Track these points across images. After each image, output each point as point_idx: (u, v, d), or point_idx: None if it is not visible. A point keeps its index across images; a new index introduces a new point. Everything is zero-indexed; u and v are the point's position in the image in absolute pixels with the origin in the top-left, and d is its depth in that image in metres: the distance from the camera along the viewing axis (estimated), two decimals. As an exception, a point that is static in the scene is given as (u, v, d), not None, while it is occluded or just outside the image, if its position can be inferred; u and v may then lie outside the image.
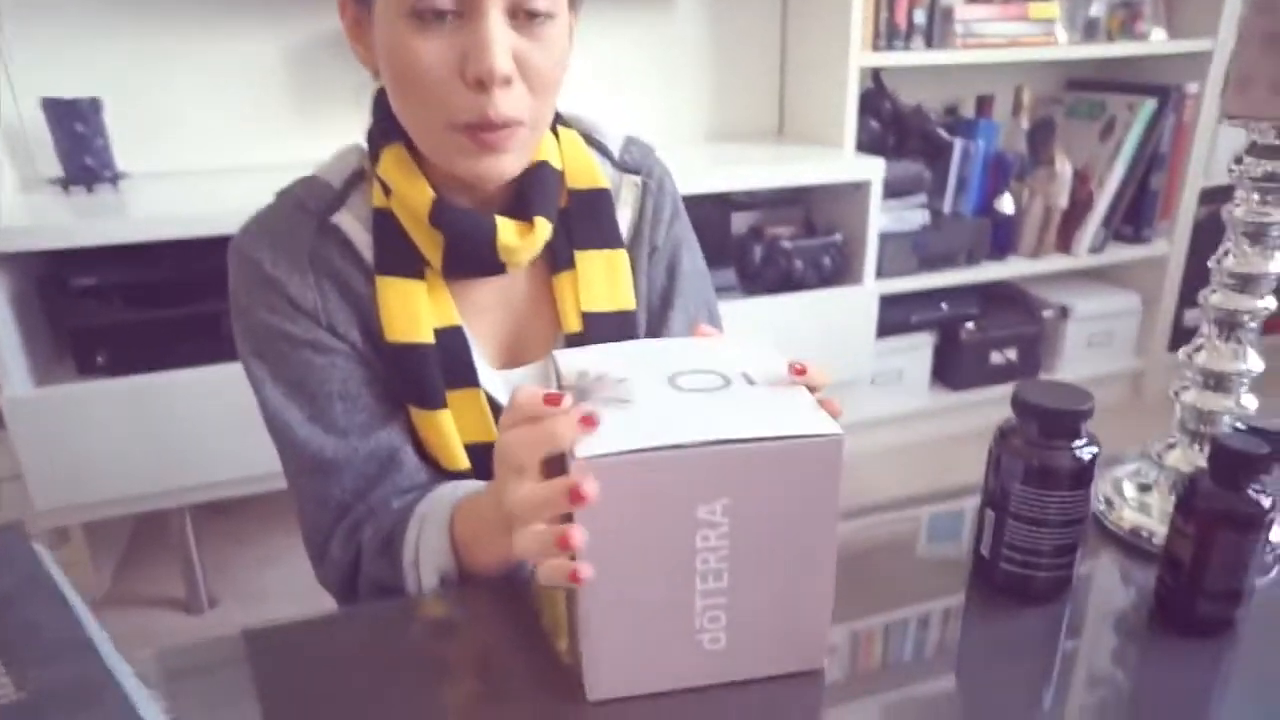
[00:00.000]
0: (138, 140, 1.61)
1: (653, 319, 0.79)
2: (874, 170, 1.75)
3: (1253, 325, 0.62)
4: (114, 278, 1.36)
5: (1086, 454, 0.57)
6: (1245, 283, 0.61)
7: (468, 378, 0.69)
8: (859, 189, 1.78)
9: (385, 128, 0.67)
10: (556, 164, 0.71)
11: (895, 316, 1.99)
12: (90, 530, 1.53)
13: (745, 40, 2.01)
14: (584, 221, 0.73)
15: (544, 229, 0.68)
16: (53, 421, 1.33)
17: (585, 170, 0.73)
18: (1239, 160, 0.60)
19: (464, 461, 0.69)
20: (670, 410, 0.48)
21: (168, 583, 1.59)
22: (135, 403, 1.36)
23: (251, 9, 1.63)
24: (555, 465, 0.50)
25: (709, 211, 1.85)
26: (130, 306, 1.37)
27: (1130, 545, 0.66)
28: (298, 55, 1.68)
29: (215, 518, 1.75)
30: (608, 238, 0.73)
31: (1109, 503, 0.69)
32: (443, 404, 0.68)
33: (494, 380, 0.71)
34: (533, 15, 0.60)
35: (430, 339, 0.67)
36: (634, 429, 0.46)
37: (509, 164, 0.64)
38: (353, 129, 0.73)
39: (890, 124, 1.98)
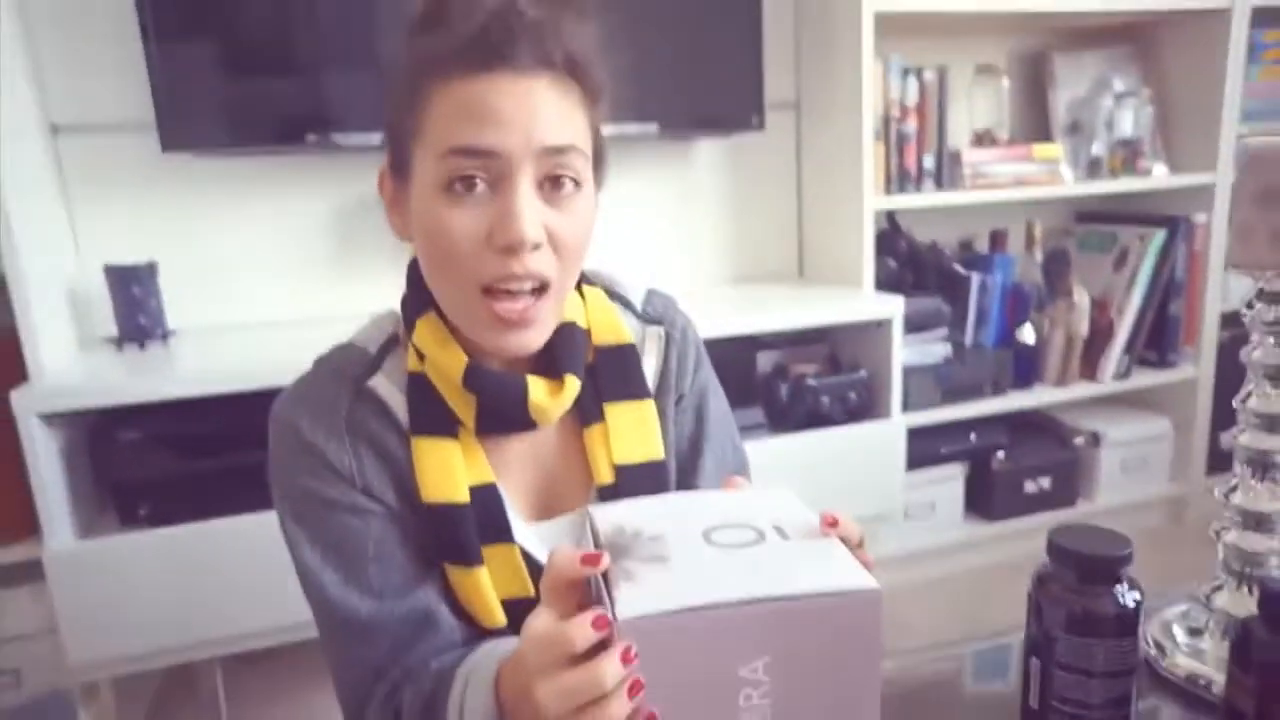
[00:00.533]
0: (188, 298, 1.70)
1: (683, 464, 0.80)
2: (894, 307, 1.80)
3: (1285, 464, 0.63)
4: (159, 431, 1.40)
5: (1130, 600, 0.57)
6: (1272, 422, 0.62)
7: (502, 534, 0.69)
8: (880, 326, 1.82)
9: (420, 298, 0.70)
10: (582, 323, 0.74)
11: (924, 449, 1.98)
12: (118, 684, 1.51)
13: (763, 187, 2.11)
14: (611, 375, 0.75)
15: (573, 386, 0.70)
16: (92, 574, 1.34)
17: (610, 326, 0.76)
18: (1250, 305, 0.62)
19: (501, 618, 0.69)
20: (708, 567, 0.49)
21: (193, 740, 1.55)
22: (173, 553, 1.37)
23: (296, 176, 1.75)
24: (581, 596, 0.50)
25: (734, 351, 1.89)
26: (174, 459, 1.40)
27: (1187, 693, 0.64)
28: (338, 218, 1.79)
29: (245, 672, 1.72)
30: (635, 390, 0.75)
31: (1160, 647, 0.68)
32: (479, 561, 0.68)
33: (527, 534, 0.71)
34: (560, 186, 0.64)
35: (466, 498, 0.68)
36: (674, 587, 0.46)
37: (534, 338, 0.66)
38: (389, 286, 0.77)
39: (907, 262, 2.04)
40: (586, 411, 0.74)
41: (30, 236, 1.40)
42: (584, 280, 0.78)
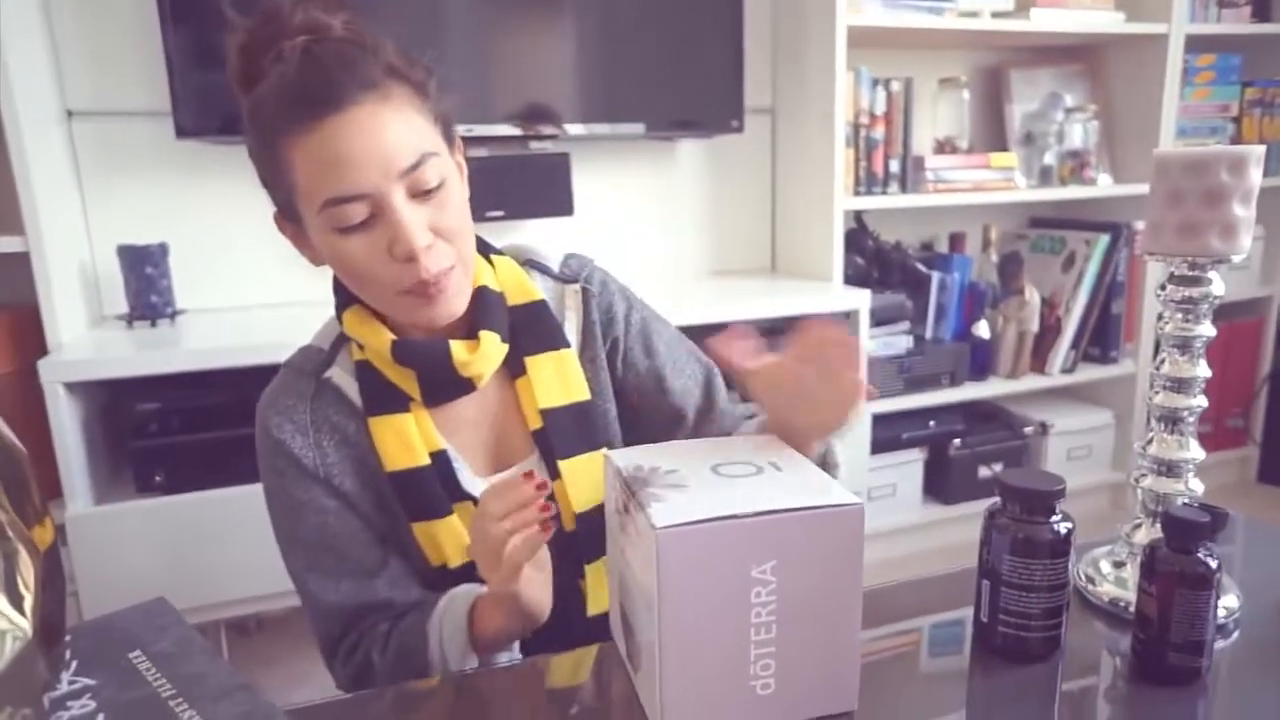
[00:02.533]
0: (194, 279, 1.77)
1: (654, 398, 0.89)
2: (862, 300, 1.93)
3: (1190, 420, 0.75)
4: (172, 403, 1.47)
5: (1063, 528, 0.69)
6: (1180, 385, 0.75)
7: (456, 493, 0.79)
8: (848, 317, 1.94)
9: (343, 298, 0.79)
10: (495, 287, 0.81)
11: (887, 435, 2.12)
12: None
13: (740, 186, 2.23)
14: (527, 331, 0.82)
15: (490, 340, 0.78)
16: (109, 537, 1.41)
17: (520, 287, 0.83)
18: (1163, 287, 0.75)
19: (467, 556, 0.78)
20: (720, 491, 0.59)
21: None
22: (184, 519, 1.45)
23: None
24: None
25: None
26: (186, 429, 1.48)
27: (1110, 614, 0.76)
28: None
29: (244, 639, 1.79)
30: (552, 341, 0.83)
31: (1090, 579, 0.80)
32: (448, 511, 0.78)
33: (482, 487, 0.80)
34: (428, 192, 0.70)
35: (426, 460, 0.78)
36: (697, 505, 0.57)
37: (455, 305, 0.74)
38: None
39: (873, 259, 2.18)
40: (514, 366, 0.82)
41: (48, 217, 1.46)
42: (492, 250, 0.85)
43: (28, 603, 0.46)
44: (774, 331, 2.03)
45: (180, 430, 1.47)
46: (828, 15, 1.91)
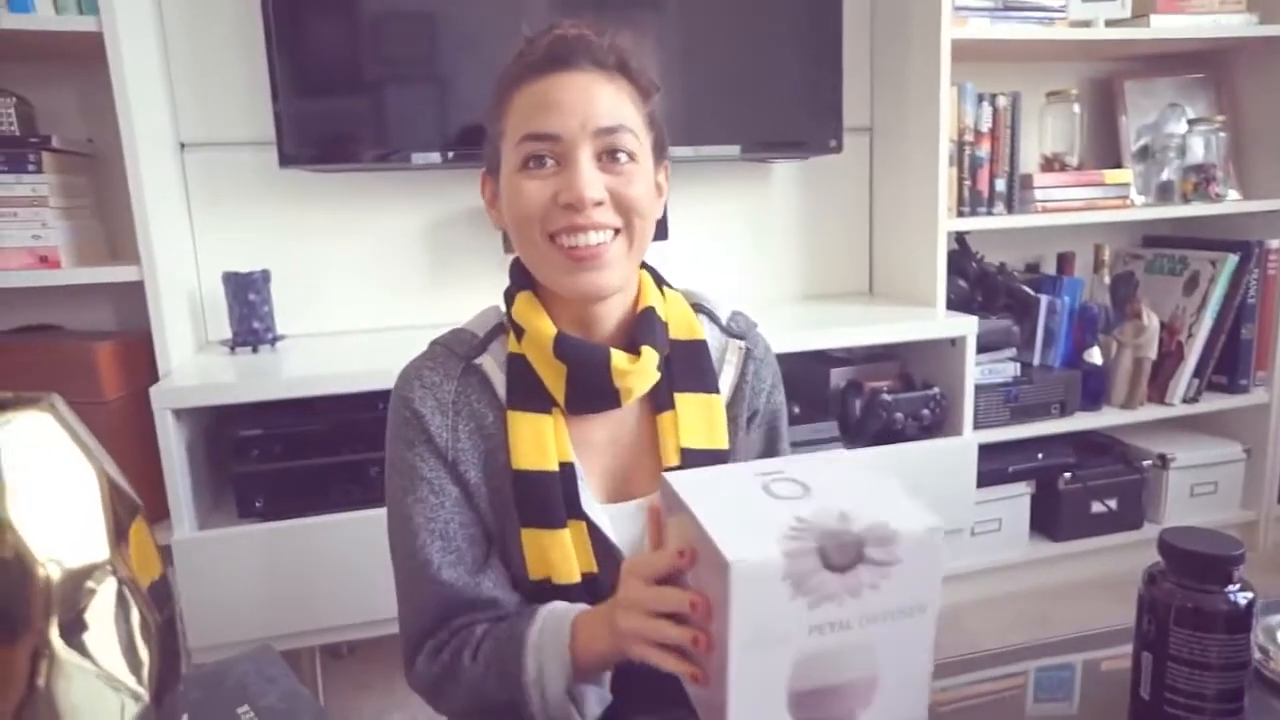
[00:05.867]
0: (295, 305, 1.81)
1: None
2: (968, 327, 1.84)
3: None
4: (273, 429, 1.49)
5: (1242, 599, 0.61)
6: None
7: (574, 509, 0.77)
8: (954, 344, 1.86)
9: (518, 282, 0.81)
10: (661, 314, 0.82)
11: (992, 467, 2.01)
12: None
13: (836, 208, 2.17)
14: (684, 368, 0.83)
15: (650, 358, 0.78)
16: (211, 561, 1.44)
17: (686, 324, 0.85)
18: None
19: (577, 575, 0.77)
20: (782, 515, 0.56)
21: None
22: (285, 545, 1.46)
23: (394, 191, 1.85)
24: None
25: (808, 366, 1.94)
26: (286, 456, 1.49)
27: (1292, 693, 0.68)
28: (432, 230, 1.88)
29: (336, 663, 1.81)
30: (706, 384, 0.83)
31: (1264, 651, 0.71)
32: (564, 524, 0.77)
33: (599, 512, 0.79)
34: (616, 159, 0.74)
35: (555, 467, 0.77)
36: (766, 532, 0.54)
37: (608, 279, 0.76)
38: (478, 295, 0.86)
39: (976, 283, 2.08)
40: (660, 400, 0.82)
41: (161, 246, 1.51)
42: (666, 284, 0.87)
43: (145, 668, 0.44)
44: (875, 358, 1.98)
45: (281, 457, 1.49)
46: (932, 29, 1.83)
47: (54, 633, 0.40)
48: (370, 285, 1.87)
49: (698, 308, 0.87)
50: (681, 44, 1.81)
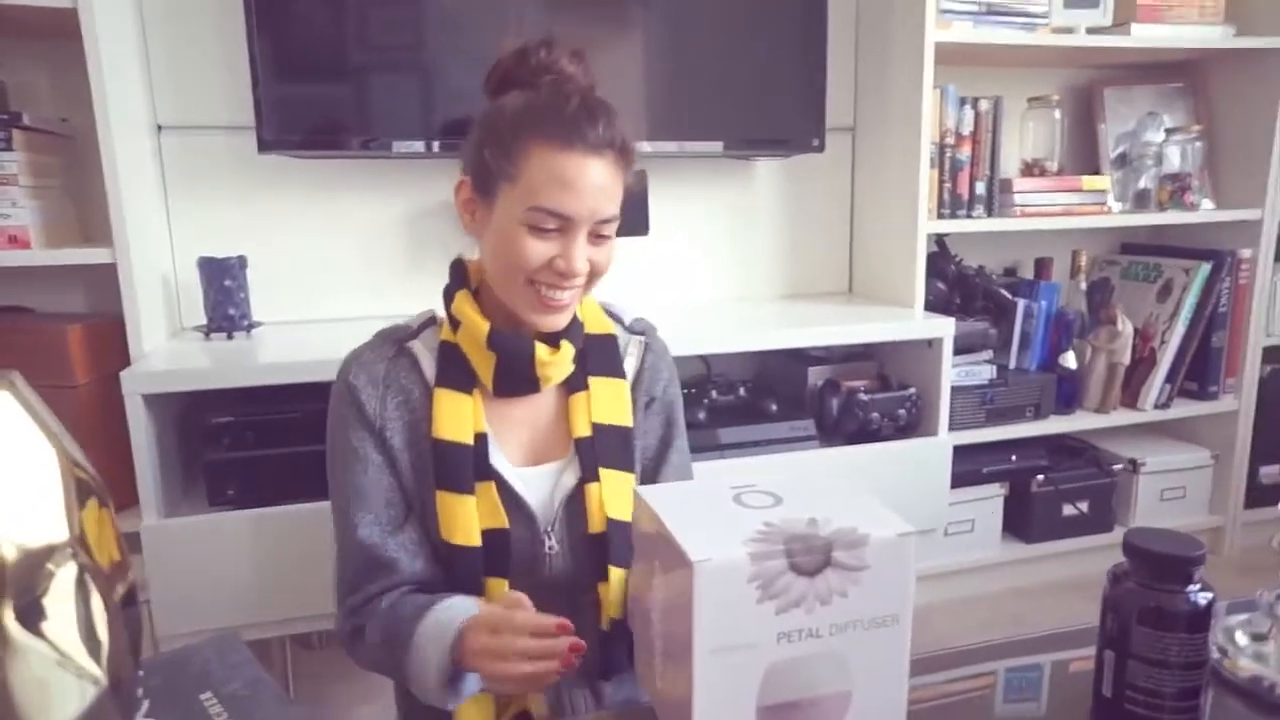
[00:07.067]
0: (271, 292, 1.79)
1: (653, 460, 0.99)
2: (946, 328, 1.85)
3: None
4: (246, 416, 1.48)
5: (1202, 599, 0.62)
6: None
7: (487, 474, 0.89)
8: (932, 346, 1.87)
9: (458, 282, 0.92)
10: (579, 316, 0.95)
11: (966, 468, 2.03)
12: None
13: (817, 207, 2.17)
14: (597, 356, 0.96)
15: (568, 351, 0.91)
16: (180, 548, 1.42)
17: (598, 321, 0.98)
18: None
19: (478, 539, 0.87)
20: (750, 521, 0.57)
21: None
22: (256, 534, 1.45)
23: (374, 180, 1.83)
24: None
25: (785, 364, 1.95)
26: (258, 444, 1.48)
27: (1249, 693, 0.69)
28: (412, 220, 1.87)
29: (307, 653, 1.79)
30: (614, 370, 0.96)
31: (1223, 651, 0.72)
32: (471, 490, 0.88)
33: (513, 474, 0.91)
34: (601, 236, 0.87)
35: (470, 440, 0.88)
36: (732, 535, 0.55)
37: (562, 319, 0.89)
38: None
39: (955, 285, 2.10)
40: (574, 383, 0.94)
41: (135, 229, 1.49)
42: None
43: (104, 651, 0.43)
44: (853, 357, 1.99)
45: (253, 445, 1.47)
46: (916, 31, 1.84)
47: (8, 615, 0.39)
48: (348, 273, 1.85)
49: (607, 310, 1.00)
50: (666, 40, 1.81)
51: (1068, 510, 2.17)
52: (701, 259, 2.10)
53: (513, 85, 0.89)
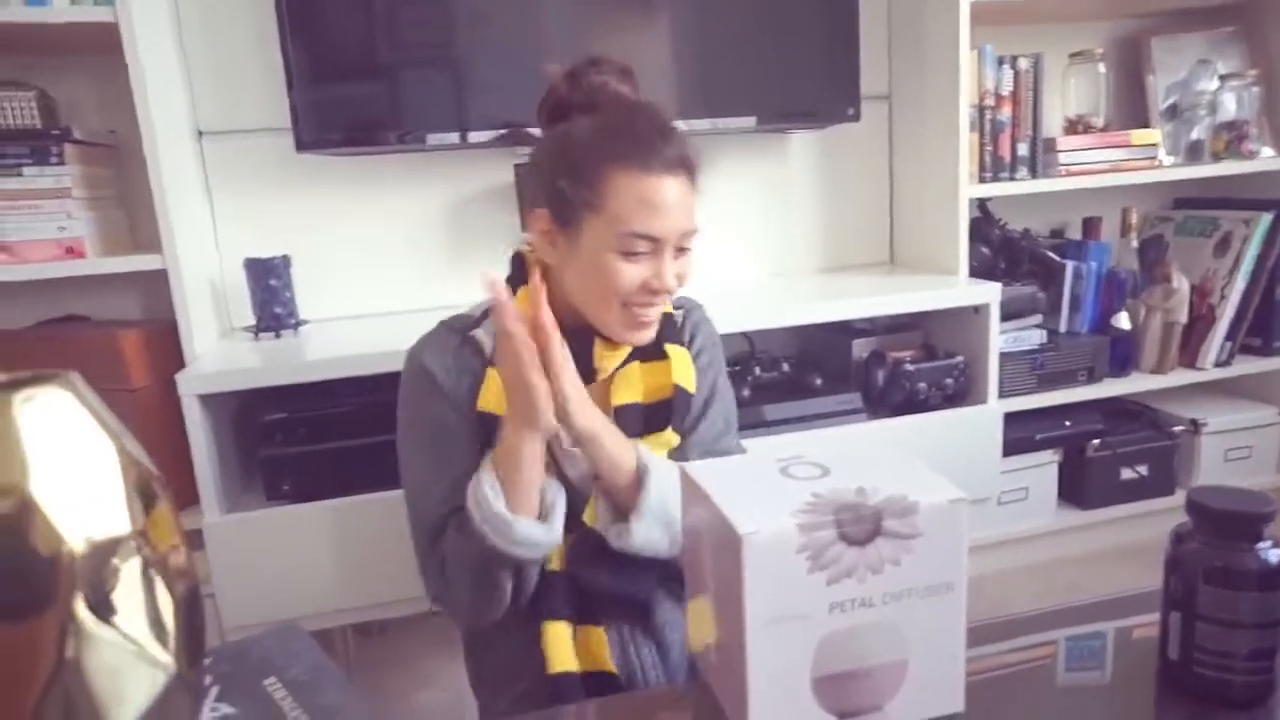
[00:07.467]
0: (316, 290, 1.82)
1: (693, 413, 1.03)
2: (991, 294, 1.81)
3: None
4: (298, 412, 1.51)
5: (1274, 555, 0.60)
6: None
7: None
8: (978, 312, 1.83)
9: (519, 277, 0.98)
10: None
11: (1018, 435, 1.98)
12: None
13: (855, 177, 2.14)
14: (665, 331, 1.00)
15: (624, 350, 0.97)
16: (241, 544, 1.46)
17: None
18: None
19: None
20: (798, 492, 0.56)
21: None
22: (313, 526, 1.48)
23: (412, 173, 1.85)
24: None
25: (831, 337, 1.93)
26: (311, 439, 1.51)
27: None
28: (451, 211, 1.88)
29: (367, 640, 1.84)
30: (659, 354, 1.00)
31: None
32: None
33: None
34: (684, 251, 0.93)
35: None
36: (780, 507, 0.54)
37: (654, 332, 0.96)
38: (498, 272, 0.96)
39: (1000, 249, 2.05)
40: (647, 353, 0.99)
41: (183, 235, 1.52)
42: None
43: (171, 639, 0.45)
44: (897, 328, 1.96)
45: (306, 440, 1.50)
46: (950, -9, 1.80)
47: (80, 606, 0.41)
48: (390, 268, 1.87)
49: None
50: (694, 15, 1.79)
51: (1126, 474, 2.12)
52: (739, 236, 2.08)
53: (568, 110, 0.91)
